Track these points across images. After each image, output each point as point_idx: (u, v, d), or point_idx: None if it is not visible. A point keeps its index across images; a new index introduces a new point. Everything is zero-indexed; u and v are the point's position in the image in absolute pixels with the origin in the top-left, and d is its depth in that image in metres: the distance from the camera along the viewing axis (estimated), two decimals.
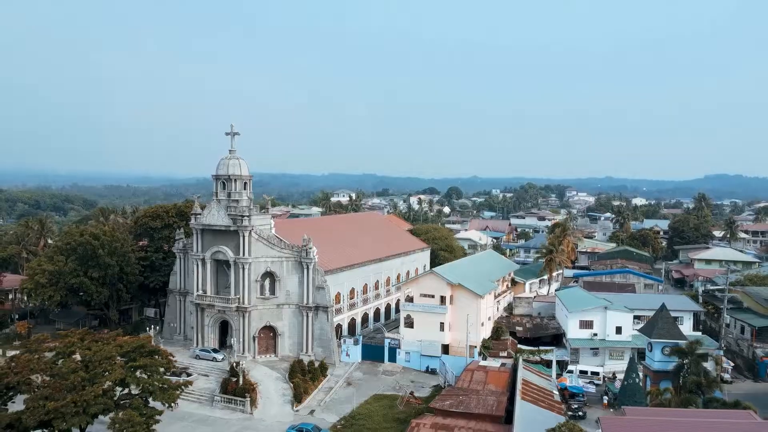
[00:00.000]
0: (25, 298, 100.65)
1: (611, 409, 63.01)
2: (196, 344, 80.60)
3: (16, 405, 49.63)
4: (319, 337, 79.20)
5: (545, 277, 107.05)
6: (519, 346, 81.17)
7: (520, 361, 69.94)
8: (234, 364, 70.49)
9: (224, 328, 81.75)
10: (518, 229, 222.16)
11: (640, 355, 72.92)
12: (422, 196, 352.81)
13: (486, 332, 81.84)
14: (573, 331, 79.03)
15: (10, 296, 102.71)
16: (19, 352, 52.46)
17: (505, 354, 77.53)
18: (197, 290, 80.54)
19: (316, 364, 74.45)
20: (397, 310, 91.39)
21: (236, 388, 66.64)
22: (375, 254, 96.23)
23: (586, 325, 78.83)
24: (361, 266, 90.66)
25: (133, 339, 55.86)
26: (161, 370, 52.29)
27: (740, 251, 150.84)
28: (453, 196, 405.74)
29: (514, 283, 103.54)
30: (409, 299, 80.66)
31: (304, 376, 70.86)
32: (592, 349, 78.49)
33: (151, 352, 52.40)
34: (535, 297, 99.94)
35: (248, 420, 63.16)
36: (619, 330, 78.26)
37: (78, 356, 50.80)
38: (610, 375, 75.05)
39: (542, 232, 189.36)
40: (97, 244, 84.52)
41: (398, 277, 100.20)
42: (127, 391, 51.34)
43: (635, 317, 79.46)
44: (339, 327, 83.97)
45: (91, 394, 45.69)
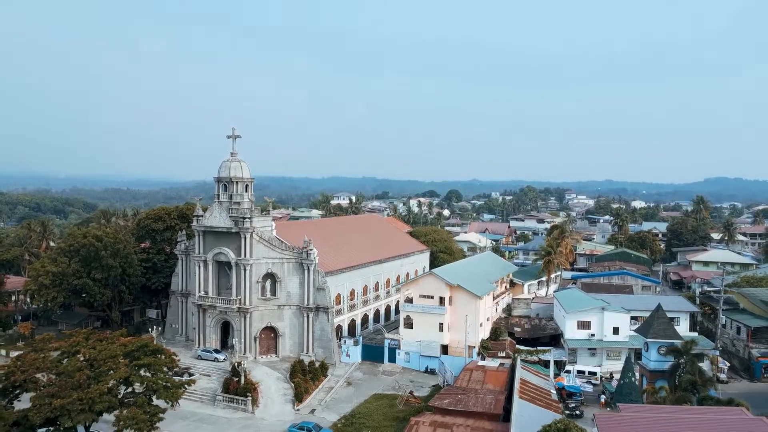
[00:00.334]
0: (28, 300, 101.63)
1: (608, 408, 63.71)
2: (197, 345, 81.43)
3: (21, 404, 50.54)
4: (320, 337, 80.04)
5: (544, 279, 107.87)
6: (517, 347, 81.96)
7: (518, 361, 70.70)
8: (236, 364, 71.33)
9: (226, 329, 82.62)
10: (517, 232, 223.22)
11: (637, 355, 73.77)
12: (422, 199, 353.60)
13: (485, 333, 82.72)
14: (570, 332, 79.91)
15: (13, 298, 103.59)
16: (25, 352, 53.31)
17: (504, 354, 78.30)
18: (199, 291, 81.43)
19: (317, 365, 75.27)
20: (397, 312, 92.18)
21: (238, 388, 67.48)
22: (375, 256, 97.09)
23: (584, 325, 79.74)
24: (361, 268, 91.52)
25: (137, 338, 56.72)
26: (164, 369, 53.17)
27: (738, 253, 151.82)
28: (453, 199, 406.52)
29: (512, 284, 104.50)
30: (409, 300, 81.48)
31: (304, 376, 71.68)
32: (589, 349, 79.41)
33: (155, 351, 53.30)
34: (533, 298, 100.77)
35: (250, 419, 64.00)
36: (616, 330, 79.14)
37: (81, 356, 51.71)
38: (608, 375, 75.90)
39: (541, 234, 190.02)
40: (100, 245, 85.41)
41: (398, 279, 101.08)
42: (131, 389, 52.22)
43: (632, 318, 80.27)
44: (339, 328, 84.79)
45: (97, 392, 46.64)
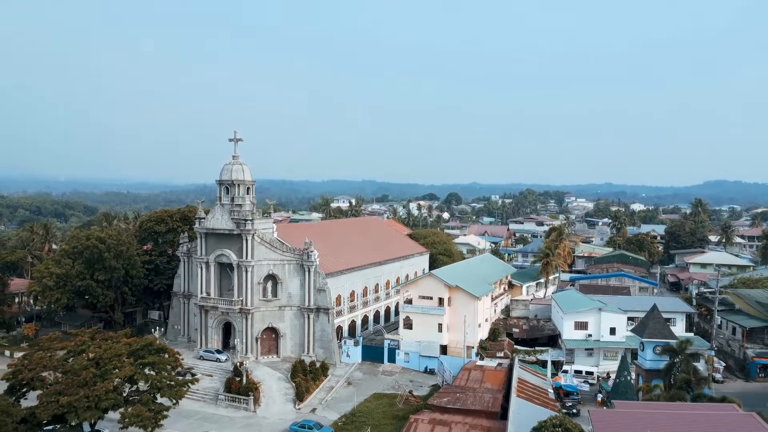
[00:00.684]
0: (31, 302, 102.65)
1: (604, 407, 64.61)
2: (199, 345, 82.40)
3: (28, 402, 51.48)
4: (320, 338, 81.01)
5: (542, 281, 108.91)
6: (515, 347, 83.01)
7: (516, 360, 71.69)
8: (237, 364, 72.29)
9: (227, 330, 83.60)
10: (517, 235, 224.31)
11: (634, 355, 74.71)
12: (422, 202, 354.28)
13: (483, 333, 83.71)
14: (568, 332, 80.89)
15: (16, 300, 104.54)
16: (32, 351, 54.30)
17: (502, 354, 79.33)
18: (201, 292, 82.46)
19: (318, 365, 76.23)
20: (397, 313, 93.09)
21: (240, 387, 68.46)
22: (375, 258, 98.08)
23: (581, 326, 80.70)
24: (361, 269, 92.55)
25: (142, 338, 57.75)
26: (168, 367, 54.18)
27: (736, 255, 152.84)
28: (452, 202, 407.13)
29: (511, 286, 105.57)
30: (408, 301, 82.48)
31: (305, 376, 72.65)
32: (586, 349, 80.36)
33: (159, 350, 54.38)
34: (531, 300, 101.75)
35: (251, 418, 64.99)
36: (613, 331, 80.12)
37: (88, 355, 52.71)
38: (605, 375, 76.86)
39: (540, 237, 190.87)
40: (104, 247, 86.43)
41: (397, 281, 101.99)
42: (135, 388, 53.27)
43: (629, 319, 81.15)
44: (339, 329, 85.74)
45: (102, 389, 47.72)
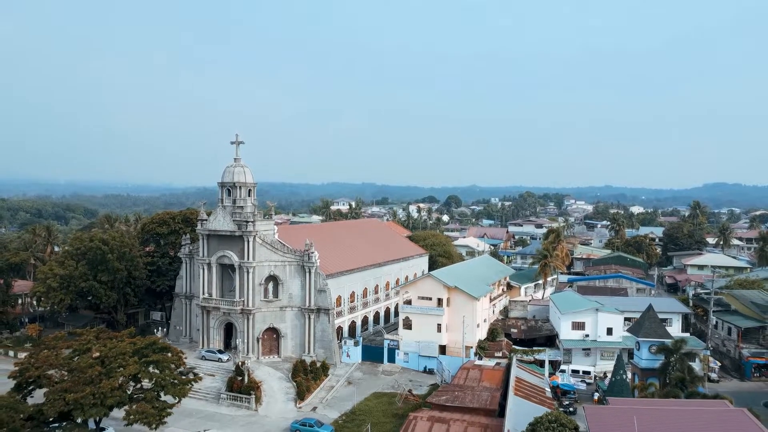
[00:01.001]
0: (34, 303, 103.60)
1: (600, 404, 65.66)
2: (201, 346, 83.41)
3: (33, 401, 52.49)
4: (321, 338, 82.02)
5: (540, 282, 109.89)
6: (513, 347, 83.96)
7: (514, 360, 72.76)
8: (239, 364, 73.27)
9: (229, 330, 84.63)
10: (516, 237, 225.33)
11: (631, 355, 75.75)
12: (421, 205, 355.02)
13: (482, 333, 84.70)
14: (565, 333, 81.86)
15: (20, 301, 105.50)
16: (38, 349, 55.32)
17: (500, 354, 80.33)
18: (203, 293, 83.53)
19: (318, 365, 77.22)
20: (396, 314, 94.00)
21: (241, 387, 69.45)
22: (375, 259, 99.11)
23: (578, 326, 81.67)
24: (362, 270, 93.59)
25: (146, 337, 58.77)
26: (172, 366, 55.20)
27: (733, 257, 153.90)
28: (452, 204, 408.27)
29: (509, 287, 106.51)
30: (408, 302, 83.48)
31: (306, 376, 73.65)
32: (583, 349, 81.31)
33: (163, 349, 55.44)
34: (530, 301, 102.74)
35: (253, 416, 65.97)
36: (609, 331, 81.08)
37: (94, 353, 53.71)
38: (602, 374, 77.81)
39: (539, 239, 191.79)
40: (107, 249, 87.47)
41: (397, 282, 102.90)
42: (139, 386, 54.29)
43: (626, 319, 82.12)
44: (340, 329, 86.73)
45: (108, 387, 48.70)
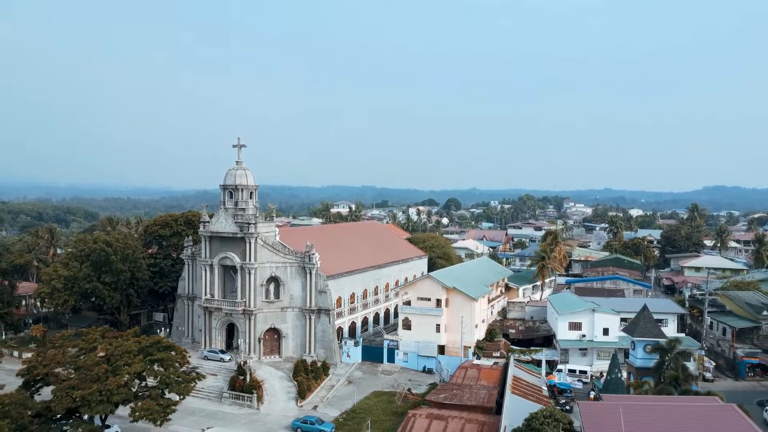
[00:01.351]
0: (38, 304, 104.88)
1: None
2: (204, 346, 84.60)
3: (40, 398, 53.58)
4: (321, 338, 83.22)
5: (538, 283, 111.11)
6: (511, 347, 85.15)
7: (512, 359, 73.92)
8: (241, 363, 74.46)
9: (231, 331, 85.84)
10: (515, 239, 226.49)
11: (627, 355, 76.89)
12: (421, 208, 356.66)
13: (480, 334, 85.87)
14: (562, 333, 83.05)
15: (23, 302, 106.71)
16: (45, 348, 56.48)
17: (498, 354, 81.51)
18: (205, 294, 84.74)
19: (319, 364, 78.38)
20: (396, 315, 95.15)
21: (244, 386, 70.60)
22: (374, 261, 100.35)
23: (575, 326, 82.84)
24: (362, 272, 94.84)
25: (151, 336, 59.95)
26: (176, 364, 56.39)
27: (731, 260, 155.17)
28: (452, 207, 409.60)
29: (508, 288, 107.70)
30: (407, 302, 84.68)
31: (307, 375, 74.80)
32: (580, 349, 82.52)
33: (167, 348, 56.59)
34: (528, 302, 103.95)
35: (255, 414, 67.13)
36: (606, 331, 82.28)
37: (100, 352, 54.93)
38: (598, 374, 78.95)
39: (537, 241, 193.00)
40: (110, 250, 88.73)
41: (396, 283, 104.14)
42: (144, 384, 55.50)
43: (622, 319, 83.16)
44: (340, 330, 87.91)
45: (114, 384, 49.88)
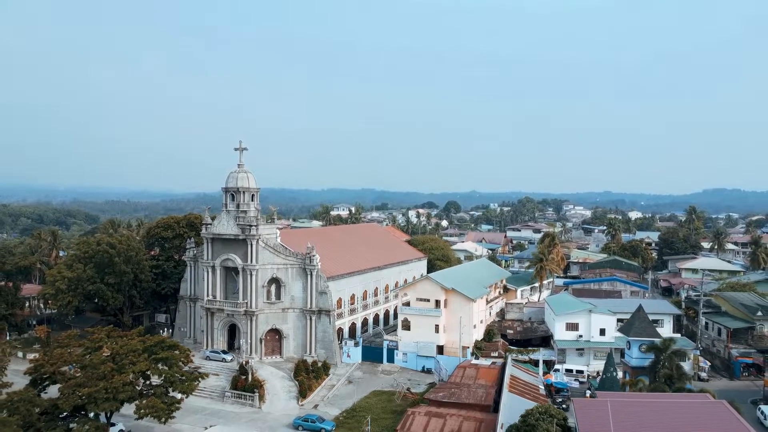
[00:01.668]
0: (41, 306, 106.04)
1: None
2: (206, 346, 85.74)
3: (46, 397, 54.77)
4: (322, 339, 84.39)
5: (536, 285, 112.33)
6: (509, 347, 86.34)
7: (509, 359, 75.10)
8: (243, 363, 75.66)
9: (232, 331, 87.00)
10: (514, 241, 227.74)
11: (623, 354, 78.15)
12: (421, 210, 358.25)
13: (478, 334, 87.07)
14: (560, 333, 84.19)
15: (27, 304, 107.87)
16: (51, 347, 57.73)
17: (496, 354, 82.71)
18: (207, 295, 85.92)
19: (319, 364, 79.58)
20: (396, 316, 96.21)
21: (246, 385, 71.81)
22: (374, 263, 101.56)
23: (572, 327, 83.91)
24: (362, 273, 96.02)
25: (155, 336, 61.25)
26: (180, 363, 57.61)
27: (728, 261, 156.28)
28: (451, 210, 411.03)
29: (506, 290, 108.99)
30: (407, 303, 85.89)
31: (308, 375, 75.99)
32: (577, 349, 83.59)
33: (171, 347, 57.82)
34: (526, 303, 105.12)
35: (257, 413, 68.29)
36: (602, 332, 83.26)
37: (105, 351, 56.17)
38: (594, 373, 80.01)
39: (536, 243, 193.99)
40: (114, 252, 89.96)
41: (396, 285, 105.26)
42: (148, 382, 56.71)
43: (619, 320, 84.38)
44: (340, 330, 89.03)
45: (120, 382, 51.08)
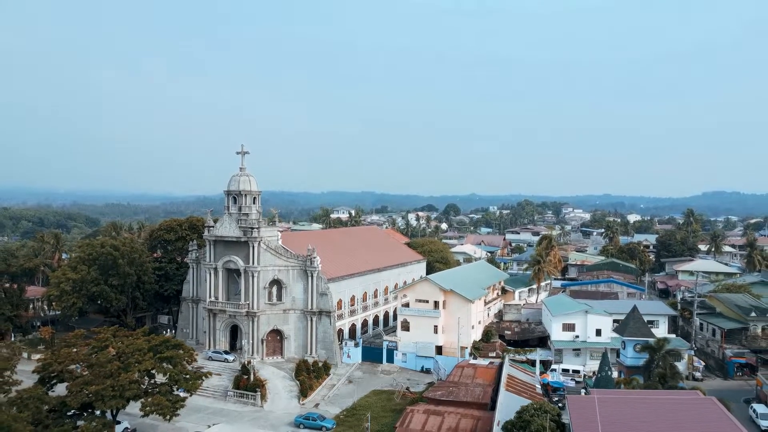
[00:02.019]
0: (45, 307, 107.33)
1: None
2: (208, 347, 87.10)
3: (54, 395, 56.11)
4: (323, 339, 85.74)
5: (534, 286, 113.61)
6: (507, 347, 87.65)
7: (507, 359, 76.45)
8: (245, 363, 77.01)
9: (234, 332, 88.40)
10: (513, 244, 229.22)
11: (619, 354, 79.38)
12: (420, 213, 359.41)
13: (476, 335, 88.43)
14: (556, 334, 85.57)
15: (31, 305, 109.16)
16: (59, 347, 59.10)
17: (494, 354, 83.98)
18: (210, 297, 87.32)
19: (320, 365, 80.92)
20: (395, 318, 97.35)
21: (248, 384, 73.15)
22: (374, 264, 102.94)
23: (569, 327, 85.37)
24: (361, 275, 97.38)
25: (159, 336, 62.65)
26: (184, 362, 58.97)
27: (725, 264, 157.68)
28: (451, 213, 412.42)
29: (504, 291, 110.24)
30: (406, 304, 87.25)
31: (308, 375, 77.34)
32: (574, 350, 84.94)
33: (176, 346, 59.19)
34: (524, 304, 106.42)
35: (259, 412, 69.61)
36: (599, 332, 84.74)
37: (111, 351, 57.55)
38: (590, 373, 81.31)
39: (535, 246, 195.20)
40: (118, 254, 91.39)
41: (396, 286, 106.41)
42: (153, 381, 58.05)
43: (615, 321, 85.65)
44: (341, 331, 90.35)
45: (126, 379, 52.48)
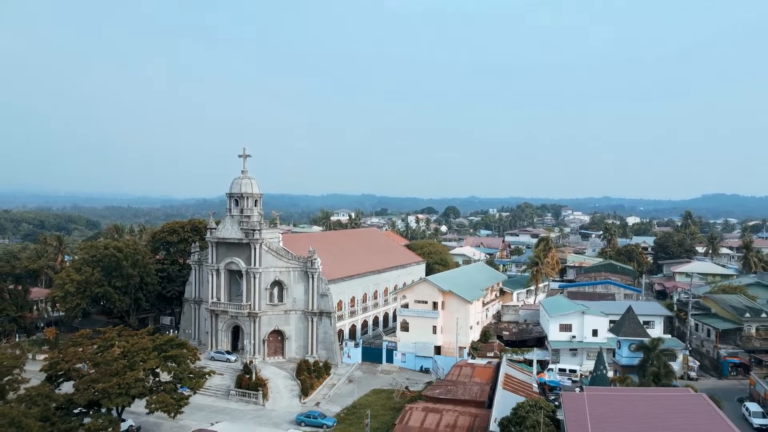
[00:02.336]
0: (49, 308, 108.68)
1: None
2: (210, 347, 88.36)
3: (60, 393, 57.38)
4: (323, 340, 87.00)
5: (532, 288, 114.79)
6: (504, 348, 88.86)
7: (504, 359, 77.71)
8: (247, 362, 78.28)
9: (236, 333, 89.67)
10: (512, 246, 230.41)
11: (614, 354, 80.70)
12: (420, 216, 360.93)
13: (475, 335, 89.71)
14: (554, 334, 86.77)
15: (35, 306, 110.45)
16: (65, 346, 60.40)
17: (492, 354, 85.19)
18: (212, 298, 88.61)
19: (321, 364, 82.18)
20: (395, 319, 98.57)
21: (249, 383, 74.39)
22: (374, 266, 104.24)
23: (566, 328, 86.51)
24: (361, 277, 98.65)
25: (163, 335, 63.95)
26: (188, 360, 60.26)
27: (722, 266, 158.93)
28: (451, 215, 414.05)
29: (502, 292, 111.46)
30: (405, 305, 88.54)
31: (309, 374, 78.63)
32: (571, 350, 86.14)
33: (180, 345, 60.47)
34: (522, 306, 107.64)
35: (261, 410, 70.89)
36: (595, 333, 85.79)
37: (116, 350, 58.82)
38: (587, 373, 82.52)
39: (533, 248, 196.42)
40: (121, 256, 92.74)
41: (395, 288, 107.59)
42: (158, 379, 59.34)
43: (611, 321, 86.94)
44: (341, 332, 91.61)
45: (132, 378, 53.75)
